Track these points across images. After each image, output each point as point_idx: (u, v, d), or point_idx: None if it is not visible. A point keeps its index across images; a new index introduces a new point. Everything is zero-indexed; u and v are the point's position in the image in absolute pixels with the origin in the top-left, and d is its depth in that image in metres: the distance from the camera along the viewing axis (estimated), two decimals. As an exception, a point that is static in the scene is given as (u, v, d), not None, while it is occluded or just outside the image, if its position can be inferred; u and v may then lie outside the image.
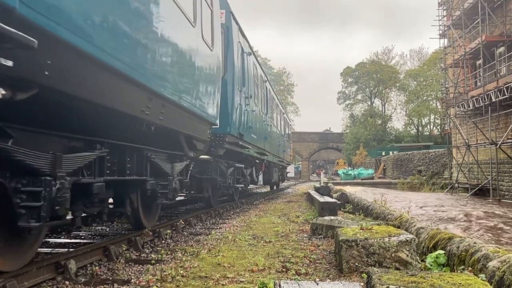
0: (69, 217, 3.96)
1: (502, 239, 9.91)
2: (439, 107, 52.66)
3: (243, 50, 10.76)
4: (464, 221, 12.96)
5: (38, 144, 3.44)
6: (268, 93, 16.45)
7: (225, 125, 8.98)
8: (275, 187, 25.24)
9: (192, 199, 12.84)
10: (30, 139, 3.36)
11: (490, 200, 20.96)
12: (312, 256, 5.10)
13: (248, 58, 11.50)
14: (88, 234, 6.76)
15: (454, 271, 4.11)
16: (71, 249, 5.07)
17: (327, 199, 10.53)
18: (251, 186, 19.29)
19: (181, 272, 4.28)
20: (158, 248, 5.67)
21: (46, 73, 2.80)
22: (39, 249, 5.15)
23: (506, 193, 20.62)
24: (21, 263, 3.76)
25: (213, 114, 7.43)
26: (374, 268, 3.52)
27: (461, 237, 4.74)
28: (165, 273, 4.19)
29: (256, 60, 13.33)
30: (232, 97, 9.33)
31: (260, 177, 17.24)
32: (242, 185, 12.69)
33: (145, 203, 6.20)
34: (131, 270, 4.46)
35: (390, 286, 2.86)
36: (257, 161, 14.93)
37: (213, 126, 7.91)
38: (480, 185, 23.01)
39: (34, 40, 2.45)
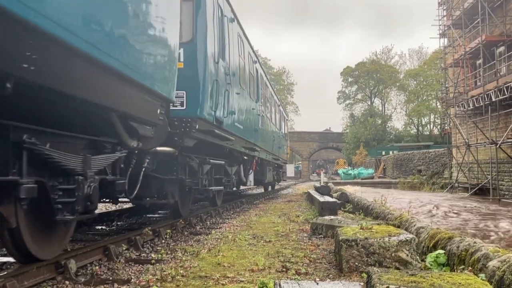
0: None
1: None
2: (439, 106, 52.65)
3: (222, 12, 8.35)
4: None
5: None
6: (260, 78, 13.89)
7: (194, 105, 6.65)
8: (270, 188, 22.68)
9: (155, 206, 9.77)
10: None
11: (490, 199, 20.96)
12: (312, 256, 5.10)
13: (231, 25, 9.13)
14: (88, 233, 6.76)
15: (454, 271, 4.11)
16: (71, 249, 5.06)
17: (327, 198, 10.53)
18: (240, 187, 17.16)
19: (181, 271, 4.28)
20: (158, 248, 5.68)
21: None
22: None
23: (506, 193, 20.61)
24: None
25: (167, 87, 5.31)
26: (374, 268, 3.53)
27: (461, 236, 4.74)
28: (165, 272, 4.19)
29: (242, 32, 10.75)
30: (204, 68, 6.90)
31: (251, 177, 14.31)
32: (221, 188, 9.97)
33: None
34: (131, 269, 4.46)
35: (390, 286, 2.86)
36: (245, 157, 12.37)
37: (174, 107, 6.25)
38: (480, 185, 23.01)
39: None
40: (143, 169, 5.73)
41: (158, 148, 5.96)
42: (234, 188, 13.52)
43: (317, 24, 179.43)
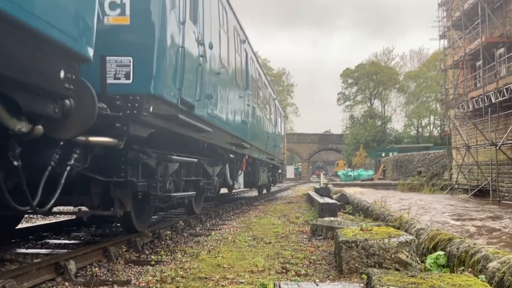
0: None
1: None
2: (438, 108, 52.69)
3: None
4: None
5: None
6: (250, 62, 11.87)
7: (145, 78, 4.82)
8: (264, 191, 20.53)
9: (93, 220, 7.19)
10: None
11: (490, 201, 20.96)
12: (312, 257, 5.09)
13: None
14: (88, 235, 6.75)
15: (454, 272, 4.10)
16: (71, 250, 5.06)
17: (327, 200, 10.53)
18: (233, 190, 14.94)
19: (181, 273, 4.28)
20: (158, 249, 5.67)
21: None
22: (38, 250, 5.37)
23: (506, 194, 20.61)
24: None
25: (75, 29, 3.38)
26: (374, 269, 3.52)
27: (461, 238, 4.74)
28: (164, 274, 4.19)
29: (227, 1, 8.79)
30: (161, 26, 4.98)
31: (240, 179, 12.26)
32: (192, 193, 7.27)
33: None
34: (130, 271, 4.46)
35: (390, 287, 2.86)
36: (231, 155, 10.12)
37: (115, 81, 4.70)
38: (480, 186, 23.01)
39: None
40: (68, 168, 4.14)
41: (92, 139, 4.23)
42: (229, 190, 12.66)
43: (307, 24, 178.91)
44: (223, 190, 14.81)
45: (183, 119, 5.56)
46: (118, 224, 7.26)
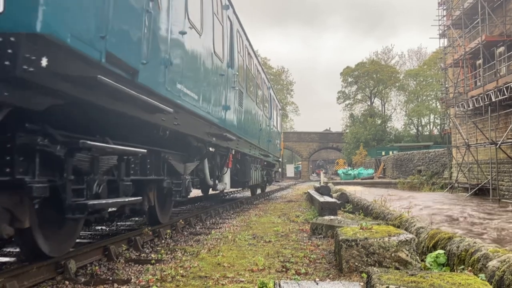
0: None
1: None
2: (438, 107, 52.70)
3: None
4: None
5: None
6: (237, 34, 9.72)
7: (25, 5, 2.77)
8: (259, 191, 18.88)
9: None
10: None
11: (490, 199, 20.97)
12: (312, 256, 5.10)
13: None
14: (88, 234, 6.76)
15: (454, 271, 4.11)
16: (71, 249, 5.06)
17: (327, 198, 10.53)
18: (224, 191, 11.07)
19: (181, 272, 4.28)
20: (158, 248, 5.68)
21: None
22: None
23: (506, 193, 20.62)
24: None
25: None
26: (374, 268, 3.53)
27: (461, 236, 4.74)
28: (165, 273, 4.20)
29: None
30: None
31: (226, 178, 10.20)
32: (138, 199, 4.81)
33: None
34: (131, 270, 4.46)
35: (390, 286, 2.86)
36: (210, 149, 7.98)
37: None
38: (480, 185, 23.02)
39: None
40: None
41: None
42: (210, 193, 10.63)
43: (298, 23, 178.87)
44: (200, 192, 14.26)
45: (111, 85, 3.54)
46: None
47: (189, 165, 7.20)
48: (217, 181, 9.20)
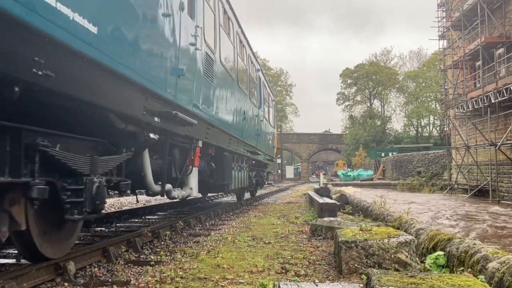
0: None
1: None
2: (438, 108, 52.73)
3: None
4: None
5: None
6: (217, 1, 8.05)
7: None
8: (249, 195, 16.62)
9: None
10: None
11: (490, 201, 20.97)
12: (311, 257, 5.09)
13: None
14: (87, 235, 6.75)
15: (454, 272, 4.10)
16: (70, 250, 5.06)
17: (327, 200, 10.53)
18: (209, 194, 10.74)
19: (180, 273, 4.28)
20: (157, 249, 5.67)
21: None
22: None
23: (506, 194, 20.62)
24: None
25: None
26: (374, 269, 3.52)
27: (460, 238, 4.74)
28: (164, 274, 4.19)
29: None
30: None
31: (192, 180, 7.29)
32: None
33: None
34: (130, 271, 4.45)
35: (390, 287, 2.86)
36: (152, 135, 5.11)
37: None
38: (479, 186, 23.02)
39: None
40: None
41: None
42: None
43: (284, 23, 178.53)
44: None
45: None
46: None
47: (107, 159, 4.42)
48: (170, 186, 6.33)
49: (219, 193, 16.43)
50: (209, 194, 11.80)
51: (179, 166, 6.89)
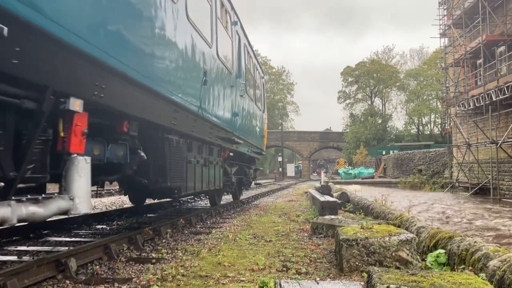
0: None
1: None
2: (439, 106, 52.67)
3: None
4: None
5: None
6: None
7: None
8: (232, 198, 13.58)
9: None
10: None
11: (491, 199, 20.95)
12: (312, 255, 5.09)
13: None
14: (89, 232, 6.76)
15: (455, 270, 4.10)
16: (71, 248, 5.07)
17: (328, 198, 10.53)
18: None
19: (182, 271, 4.28)
20: (158, 247, 5.67)
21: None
22: (39, 248, 5.33)
23: (507, 193, 20.61)
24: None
25: None
26: (375, 267, 3.52)
27: (461, 236, 4.74)
28: (165, 272, 4.19)
29: None
30: None
31: (75, 180, 3.61)
32: None
33: None
34: (131, 269, 4.46)
35: (391, 285, 2.86)
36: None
37: None
38: (480, 185, 23.01)
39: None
40: None
41: None
42: None
43: (267, 22, 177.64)
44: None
45: None
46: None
47: None
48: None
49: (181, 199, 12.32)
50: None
51: (23, 150, 3.25)
